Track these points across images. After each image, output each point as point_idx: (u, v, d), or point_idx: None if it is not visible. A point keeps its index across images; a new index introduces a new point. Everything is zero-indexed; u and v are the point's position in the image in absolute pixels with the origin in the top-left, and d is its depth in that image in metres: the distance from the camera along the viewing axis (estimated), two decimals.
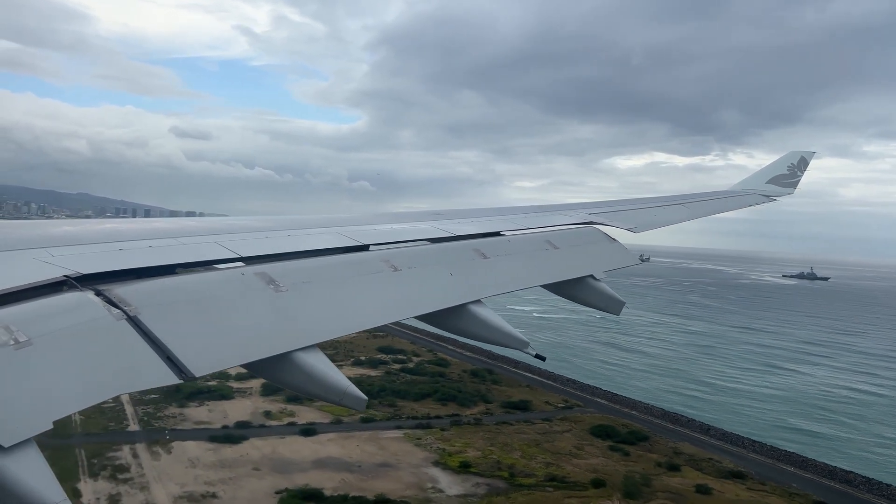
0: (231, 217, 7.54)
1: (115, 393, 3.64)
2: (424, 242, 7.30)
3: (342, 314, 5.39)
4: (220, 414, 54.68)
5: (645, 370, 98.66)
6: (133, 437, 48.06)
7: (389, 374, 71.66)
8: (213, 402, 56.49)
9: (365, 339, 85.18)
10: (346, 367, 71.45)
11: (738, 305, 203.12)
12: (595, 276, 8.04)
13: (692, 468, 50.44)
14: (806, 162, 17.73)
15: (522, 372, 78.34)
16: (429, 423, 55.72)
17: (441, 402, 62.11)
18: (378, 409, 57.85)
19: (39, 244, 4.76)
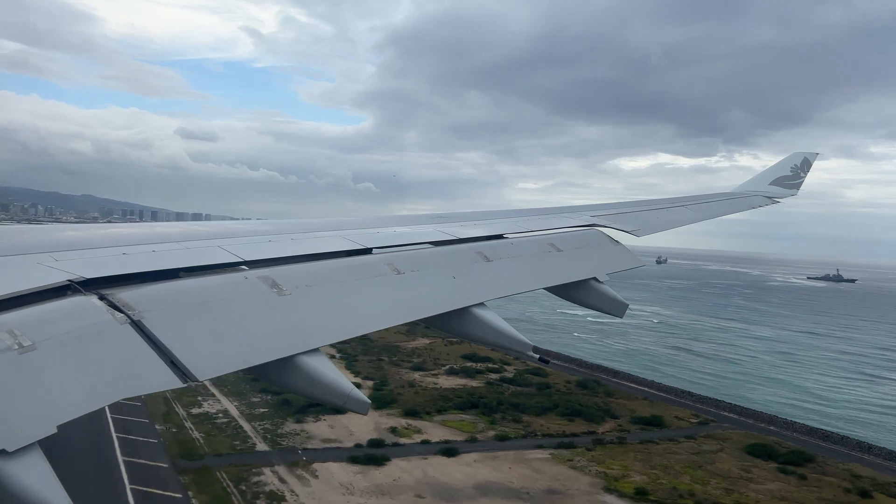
0: (234, 221, 7.56)
1: (119, 397, 3.65)
2: (427, 245, 7.31)
3: (346, 318, 5.39)
4: (344, 430, 50.28)
5: (741, 379, 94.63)
6: (268, 459, 44.17)
7: (491, 384, 67.28)
8: (329, 417, 52.19)
9: (442, 346, 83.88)
10: (442, 377, 69.42)
11: (787, 309, 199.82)
12: (598, 278, 8.03)
13: (883, 494, 45.35)
14: (809, 163, 17.70)
15: (624, 382, 73.98)
16: (571, 442, 50.87)
17: (567, 418, 57.23)
18: (506, 426, 53.95)
19: (43, 249, 4.77)
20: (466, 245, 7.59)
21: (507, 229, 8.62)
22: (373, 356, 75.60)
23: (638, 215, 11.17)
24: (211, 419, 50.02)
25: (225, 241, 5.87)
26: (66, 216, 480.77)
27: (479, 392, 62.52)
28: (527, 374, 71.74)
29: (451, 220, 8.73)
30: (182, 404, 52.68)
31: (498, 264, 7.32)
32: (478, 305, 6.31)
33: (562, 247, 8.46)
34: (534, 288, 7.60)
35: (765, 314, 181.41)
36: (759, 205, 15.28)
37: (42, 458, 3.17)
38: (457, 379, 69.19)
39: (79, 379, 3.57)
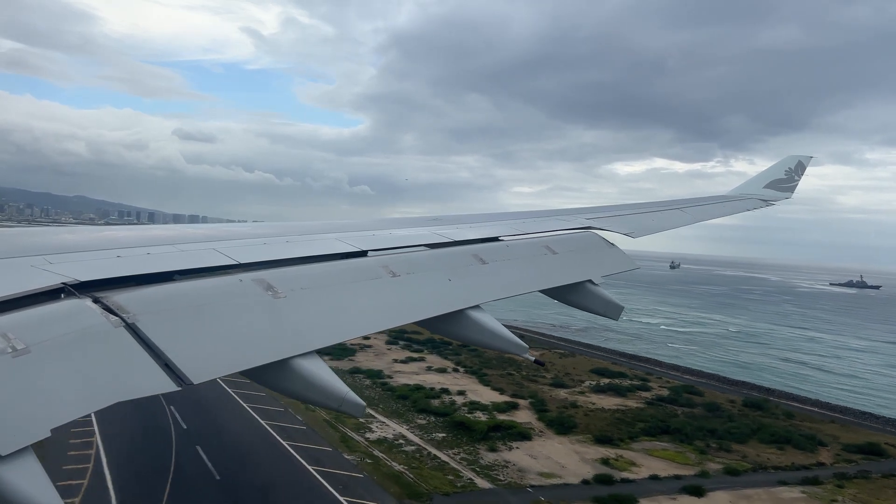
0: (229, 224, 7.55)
1: (113, 400, 3.63)
2: (423, 248, 7.31)
3: (341, 320, 5.38)
4: (547, 461, 43.69)
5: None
6: (504, 499, 38.73)
7: (652, 404, 59.69)
8: (523, 444, 45.92)
9: (557, 358, 77.10)
10: (592, 395, 61.05)
11: (847, 316, 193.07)
12: (594, 280, 8.05)
13: None
14: (803, 166, 17.78)
15: (785, 401, 65.55)
16: (816, 477, 43.44)
17: (776, 446, 49.36)
18: (719, 455, 46.71)
19: (37, 251, 4.75)
20: (462, 248, 7.60)
21: (503, 232, 8.64)
22: (499, 370, 67.79)
23: (633, 218, 11.21)
24: (396, 447, 43.46)
25: (220, 243, 5.86)
26: (63, 217, 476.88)
27: (645, 415, 54.79)
28: (685, 394, 63.52)
29: (446, 223, 8.75)
30: (351, 428, 46.28)
31: (493, 266, 7.33)
32: (473, 308, 6.32)
33: (557, 249, 8.48)
34: (529, 290, 7.62)
35: (831, 322, 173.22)
36: (754, 207, 15.33)
37: (36, 461, 3.15)
38: (610, 398, 61.04)
39: (73, 382, 3.56)
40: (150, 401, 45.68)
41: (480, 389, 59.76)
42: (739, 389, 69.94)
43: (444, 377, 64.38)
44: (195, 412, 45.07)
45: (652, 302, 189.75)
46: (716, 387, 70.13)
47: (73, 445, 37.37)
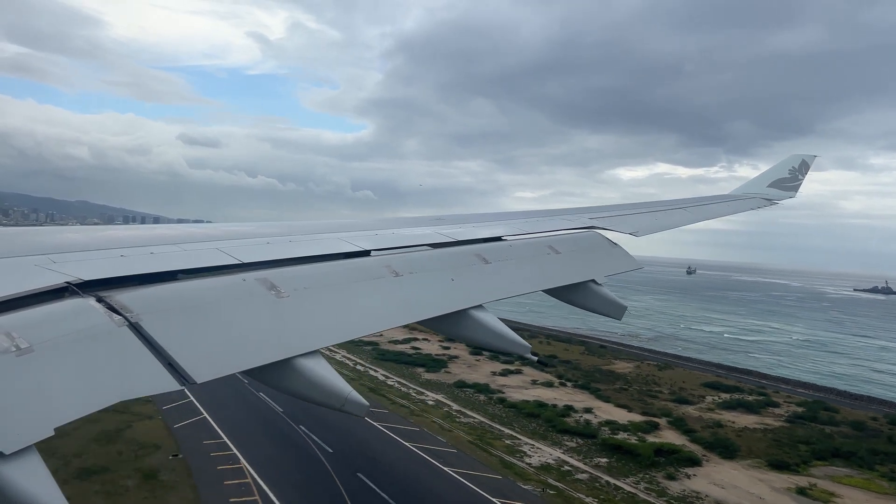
0: (233, 223, 7.56)
1: (117, 399, 3.64)
2: (426, 248, 7.31)
3: (344, 320, 5.38)
4: (741, 492, 39.35)
5: None
6: None
7: (793, 422, 55.08)
8: (698, 471, 41.94)
9: (656, 370, 73.88)
10: (723, 412, 56.55)
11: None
12: (597, 280, 8.03)
13: None
14: (807, 165, 17.71)
15: None
16: None
17: None
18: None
19: (41, 251, 4.77)
20: (465, 247, 7.59)
21: (506, 232, 8.62)
22: (606, 383, 64.63)
23: (636, 217, 11.18)
24: (566, 474, 39.94)
25: (223, 243, 5.87)
26: (69, 222, 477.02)
27: (802, 434, 50.90)
28: (820, 411, 59.18)
29: (449, 223, 8.74)
30: (503, 451, 42.85)
31: (496, 266, 7.32)
32: (476, 307, 6.31)
33: (560, 249, 8.46)
34: (532, 290, 7.61)
35: (889, 330, 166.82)
36: (757, 206, 15.26)
37: (39, 460, 3.16)
38: (744, 415, 56.67)
39: (76, 381, 3.56)
40: (279, 420, 43.74)
41: (604, 406, 56.21)
42: (867, 405, 66.04)
43: (557, 392, 60.50)
44: (331, 432, 42.49)
45: (697, 309, 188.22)
46: (842, 402, 65.94)
47: (223, 473, 35.63)
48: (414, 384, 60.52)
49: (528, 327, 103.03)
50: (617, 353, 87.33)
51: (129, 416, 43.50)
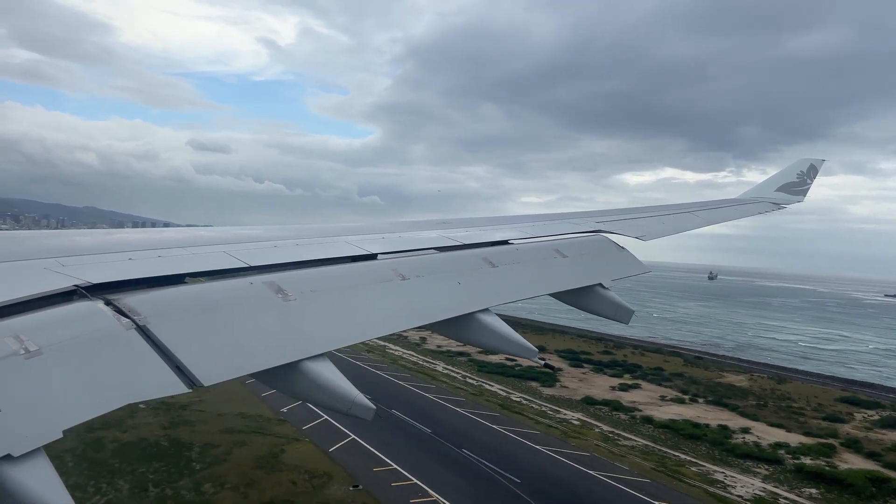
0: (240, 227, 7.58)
1: (125, 402, 3.65)
2: (432, 251, 7.31)
3: (351, 323, 5.38)
4: None
5: None
6: None
7: None
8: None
9: (777, 384, 69.30)
10: None
11: None
12: (604, 284, 8.01)
13: None
14: (816, 170, 17.63)
15: None
16: None
17: None
18: None
19: (50, 254, 4.79)
20: (472, 251, 7.58)
21: (513, 235, 8.61)
22: (741, 399, 61.04)
23: (643, 221, 11.13)
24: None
25: (230, 246, 5.88)
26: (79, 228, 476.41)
27: None
28: None
29: (456, 226, 8.73)
30: (699, 479, 38.83)
31: (503, 270, 7.30)
32: (483, 311, 6.30)
33: (567, 253, 8.44)
34: (539, 294, 7.59)
35: None
36: (765, 210, 15.19)
37: (47, 462, 3.17)
38: None
39: (84, 384, 3.57)
40: (434, 442, 41.07)
41: (756, 425, 51.79)
42: None
43: (695, 409, 56.42)
44: (500, 456, 38.50)
45: (749, 316, 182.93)
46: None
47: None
48: (540, 400, 56.39)
49: (615, 338, 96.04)
50: (718, 364, 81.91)
51: (276, 439, 40.00)
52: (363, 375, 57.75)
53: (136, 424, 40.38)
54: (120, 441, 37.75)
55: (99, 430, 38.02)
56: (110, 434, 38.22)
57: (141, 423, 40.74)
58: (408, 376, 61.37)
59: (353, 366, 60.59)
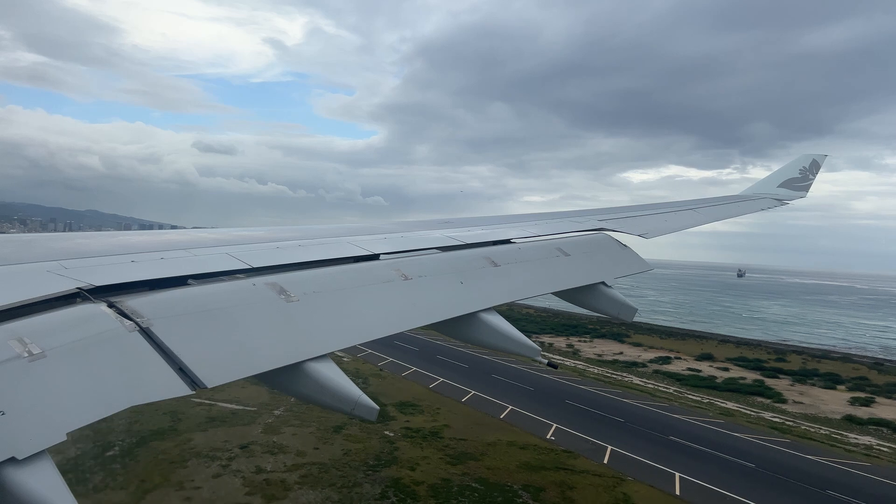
0: (242, 228, 7.59)
1: (128, 404, 3.65)
2: (435, 251, 7.30)
3: (354, 323, 5.38)
4: None
5: None
6: None
7: None
8: None
9: None
10: None
11: None
12: (606, 282, 7.99)
13: None
14: (818, 165, 17.59)
15: None
16: None
17: None
18: None
19: (53, 257, 4.80)
20: (474, 250, 7.57)
21: (515, 234, 8.60)
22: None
23: (645, 219, 11.12)
24: None
25: (233, 247, 5.88)
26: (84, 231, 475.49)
27: None
28: None
29: (458, 226, 8.73)
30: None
31: (506, 269, 7.29)
32: (486, 310, 6.29)
33: (570, 251, 8.43)
34: (542, 293, 7.58)
35: None
36: (767, 207, 15.16)
37: (51, 464, 3.17)
38: None
39: (88, 386, 3.58)
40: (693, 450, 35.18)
41: None
42: None
43: None
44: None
45: (828, 314, 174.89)
46: None
47: None
48: (797, 419, 47.34)
49: (755, 343, 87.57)
50: None
51: (597, 479, 31.71)
52: (626, 407, 46.52)
53: (411, 461, 32.72)
54: (420, 482, 29.93)
55: (383, 467, 31.65)
56: (403, 474, 30.68)
57: (416, 460, 32.83)
58: (620, 392, 51.74)
59: (592, 393, 50.43)
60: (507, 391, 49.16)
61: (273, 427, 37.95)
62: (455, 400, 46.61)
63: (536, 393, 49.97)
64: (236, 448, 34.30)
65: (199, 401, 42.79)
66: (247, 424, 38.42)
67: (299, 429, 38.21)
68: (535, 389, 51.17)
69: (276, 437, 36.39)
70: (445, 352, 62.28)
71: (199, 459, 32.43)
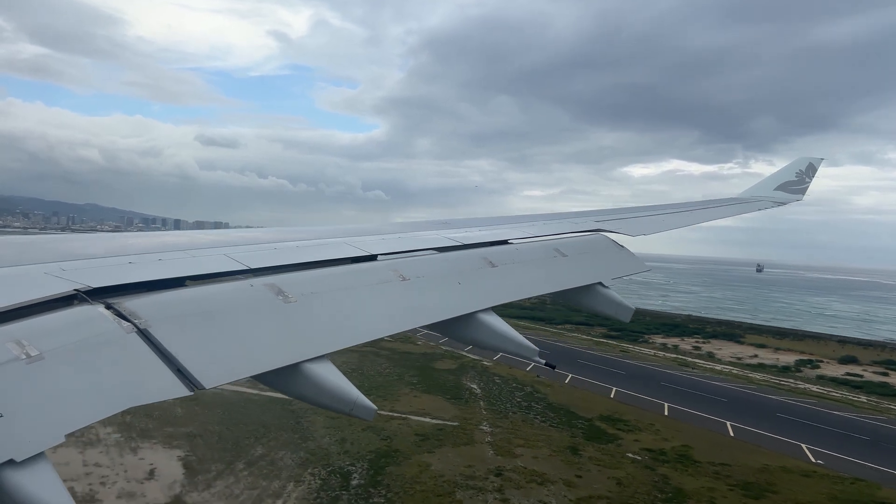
0: (240, 230, 7.60)
1: (126, 406, 3.65)
2: (433, 252, 7.31)
3: (352, 324, 5.39)
4: None
5: None
6: None
7: None
8: None
9: None
10: None
11: None
12: (604, 283, 8.02)
13: None
14: (814, 168, 17.70)
15: None
16: None
17: None
18: None
19: (50, 258, 4.79)
20: (472, 251, 7.59)
21: (513, 235, 8.62)
22: None
23: (642, 220, 11.17)
24: None
25: (230, 249, 5.89)
26: (87, 225, 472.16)
27: None
28: None
29: (456, 227, 8.75)
30: None
31: (503, 270, 7.31)
32: (484, 311, 6.31)
33: (567, 252, 8.45)
34: (539, 293, 7.59)
35: None
36: (764, 208, 15.27)
37: (50, 467, 3.17)
38: None
39: (86, 388, 3.57)
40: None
41: None
42: None
43: None
44: None
45: (891, 312, 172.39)
46: None
47: None
48: None
49: (865, 343, 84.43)
50: None
51: None
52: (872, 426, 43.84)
53: (698, 493, 30.55)
54: None
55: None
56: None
57: (702, 492, 30.78)
58: (832, 405, 49.75)
59: None
60: (704, 403, 47.19)
61: (502, 447, 36.19)
62: (656, 413, 44.34)
63: (738, 404, 47.83)
64: (491, 475, 32.32)
65: (387, 413, 41.36)
66: (467, 444, 36.73)
67: (530, 449, 36.26)
68: (730, 400, 49.28)
69: (518, 461, 34.29)
70: (580, 355, 60.97)
71: (466, 491, 30.44)
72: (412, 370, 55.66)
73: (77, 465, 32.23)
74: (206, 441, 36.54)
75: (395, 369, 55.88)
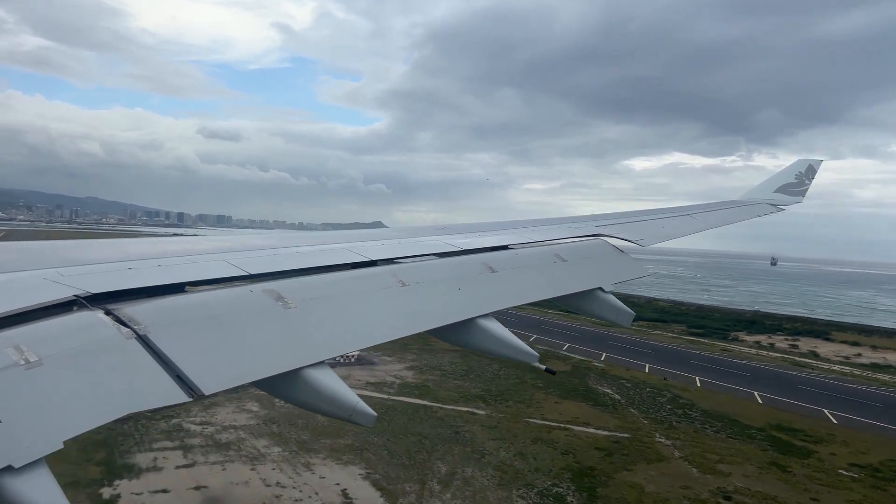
0: (240, 235, 7.61)
1: (125, 412, 3.64)
2: (432, 257, 7.32)
3: (351, 330, 5.38)
4: None
5: None
6: None
7: None
8: None
9: None
10: None
11: None
12: (604, 288, 8.02)
13: None
14: (814, 170, 17.75)
15: None
16: None
17: None
18: None
19: (49, 264, 4.79)
20: (472, 256, 7.59)
21: (513, 240, 8.63)
22: None
23: (642, 225, 11.17)
24: None
25: (230, 254, 5.89)
26: (88, 218, 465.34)
27: None
28: None
29: (456, 232, 8.75)
30: None
31: (503, 275, 7.31)
32: (484, 316, 6.30)
33: (567, 257, 8.46)
34: (540, 298, 7.59)
35: None
36: (764, 213, 15.32)
37: (48, 473, 3.16)
38: None
39: (85, 394, 3.57)
40: None
41: None
42: None
43: None
44: None
45: None
46: None
47: None
48: None
49: None
50: None
51: None
52: None
53: None
54: None
55: None
56: None
57: None
58: None
59: None
60: (867, 410, 44.08)
61: (701, 464, 33.13)
62: (822, 421, 40.76)
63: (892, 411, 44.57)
64: (719, 498, 29.51)
65: (543, 422, 39.04)
66: (660, 460, 33.84)
67: (732, 465, 33.23)
68: (885, 406, 46.47)
69: (734, 479, 31.42)
70: (686, 355, 59.40)
71: None
72: (528, 372, 49.87)
73: (258, 485, 29.88)
74: (377, 455, 34.01)
75: (510, 371, 51.80)
